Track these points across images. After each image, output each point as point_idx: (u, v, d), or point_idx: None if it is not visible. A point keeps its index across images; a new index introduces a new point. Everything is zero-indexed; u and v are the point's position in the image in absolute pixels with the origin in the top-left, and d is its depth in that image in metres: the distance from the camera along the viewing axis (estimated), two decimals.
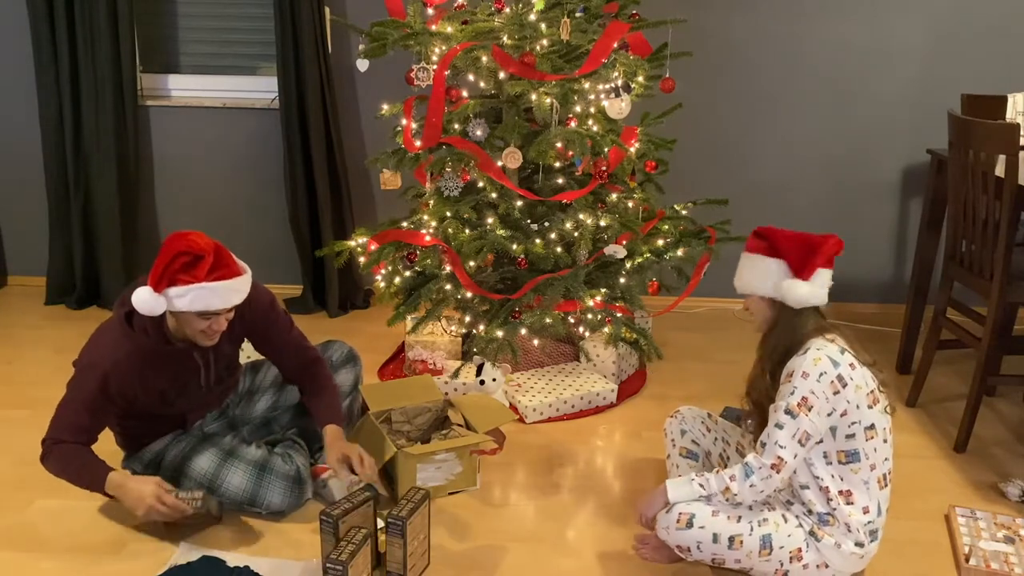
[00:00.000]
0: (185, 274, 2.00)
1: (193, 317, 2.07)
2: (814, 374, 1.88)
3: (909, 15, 3.52)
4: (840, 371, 1.88)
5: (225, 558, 2.11)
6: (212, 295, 2.03)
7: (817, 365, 1.88)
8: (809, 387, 1.87)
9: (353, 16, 3.51)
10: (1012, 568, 2.12)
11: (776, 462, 1.89)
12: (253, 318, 2.30)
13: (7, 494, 2.39)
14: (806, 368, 1.89)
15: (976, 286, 2.70)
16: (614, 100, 2.61)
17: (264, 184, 3.75)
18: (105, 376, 2.10)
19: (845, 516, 1.93)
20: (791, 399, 1.88)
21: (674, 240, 2.95)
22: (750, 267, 2.02)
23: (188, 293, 2.01)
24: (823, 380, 1.87)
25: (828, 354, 1.90)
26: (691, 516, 1.98)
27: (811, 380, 1.88)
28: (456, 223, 2.76)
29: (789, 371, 1.92)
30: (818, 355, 1.89)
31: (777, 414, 1.90)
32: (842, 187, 3.75)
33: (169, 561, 2.10)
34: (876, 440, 1.93)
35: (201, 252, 2.02)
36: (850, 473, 1.93)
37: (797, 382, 1.89)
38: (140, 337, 2.13)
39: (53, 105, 3.55)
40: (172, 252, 2.01)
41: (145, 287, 2.03)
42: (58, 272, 3.76)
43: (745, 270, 2.04)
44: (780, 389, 1.93)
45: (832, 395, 1.88)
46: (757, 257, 2.01)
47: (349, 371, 2.60)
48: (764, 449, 1.91)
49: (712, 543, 1.97)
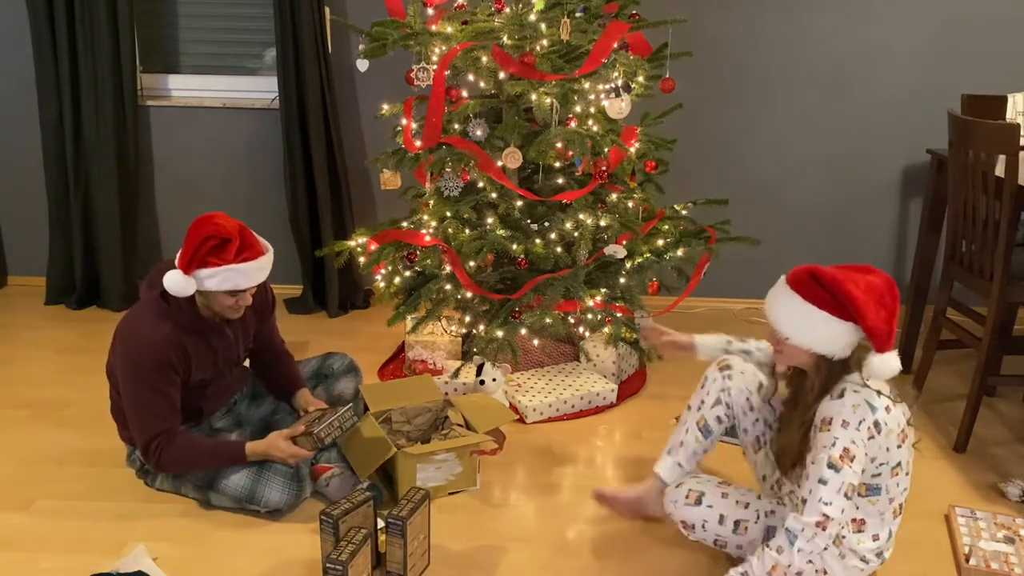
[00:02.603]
0: (214, 257, 2.12)
1: (222, 295, 2.19)
2: (854, 422, 1.76)
3: (909, 15, 3.52)
4: (876, 416, 1.78)
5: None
6: (240, 275, 2.15)
7: (856, 412, 1.77)
8: (850, 437, 1.75)
9: (353, 16, 3.51)
10: (1012, 568, 2.12)
11: (821, 519, 1.75)
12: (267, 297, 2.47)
13: (7, 494, 2.38)
14: (846, 416, 1.76)
15: (976, 286, 2.70)
16: (614, 100, 2.61)
17: (264, 184, 3.75)
18: (163, 350, 2.17)
19: (853, 544, 1.88)
20: (833, 451, 1.75)
21: (674, 240, 2.95)
22: (809, 322, 1.80)
23: (217, 274, 2.13)
24: (862, 428, 1.76)
25: (866, 398, 1.78)
26: (700, 494, 1.99)
27: (851, 429, 1.76)
28: (456, 223, 2.76)
29: (826, 417, 1.79)
30: (856, 400, 1.78)
31: (819, 468, 1.76)
32: (842, 187, 3.75)
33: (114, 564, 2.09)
34: (900, 476, 1.86)
35: (228, 235, 2.13)
36: (867, 504, 1.87)
37: (838, 432, 1.76)
38: (176, 313, 2.21)
39: (53, 105, 3.55)
40: (200, 236, 2.12)
41: (176, 270, 2.14)
42: (58, 272, 3.76)
43: (800, 322, 1.82)
44: (819, 437, 1.79)
45: (868, 440, 1.77)
46: (822, 315, 1.79)
47: (350, 380, 2.64)
48: (806, 506, 1.77)
49: (718, 524, 1.98)
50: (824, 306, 1.79)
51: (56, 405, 2.88)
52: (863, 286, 1.78)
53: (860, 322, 1.77)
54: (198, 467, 2.29)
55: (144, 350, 2.17)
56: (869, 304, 1.76)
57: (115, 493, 2.39)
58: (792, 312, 1.83)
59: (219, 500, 2.31)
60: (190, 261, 2.12)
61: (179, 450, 2.22)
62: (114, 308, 3.70)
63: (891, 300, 1.80)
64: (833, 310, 1.78)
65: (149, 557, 2.11)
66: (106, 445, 2.55)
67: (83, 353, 3.28)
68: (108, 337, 2.28)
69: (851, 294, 1.76)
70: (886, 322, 1.77)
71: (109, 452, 2.53)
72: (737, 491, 2.05)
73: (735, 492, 2.03)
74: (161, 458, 2.21)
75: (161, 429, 2.20)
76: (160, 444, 2.20)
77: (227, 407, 2.51)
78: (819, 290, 1.80)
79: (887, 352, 1.79)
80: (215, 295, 2.19)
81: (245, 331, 2.41)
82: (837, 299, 1.78)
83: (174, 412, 2.23)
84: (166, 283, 2.14)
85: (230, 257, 2.13)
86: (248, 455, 2.27)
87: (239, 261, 2.14)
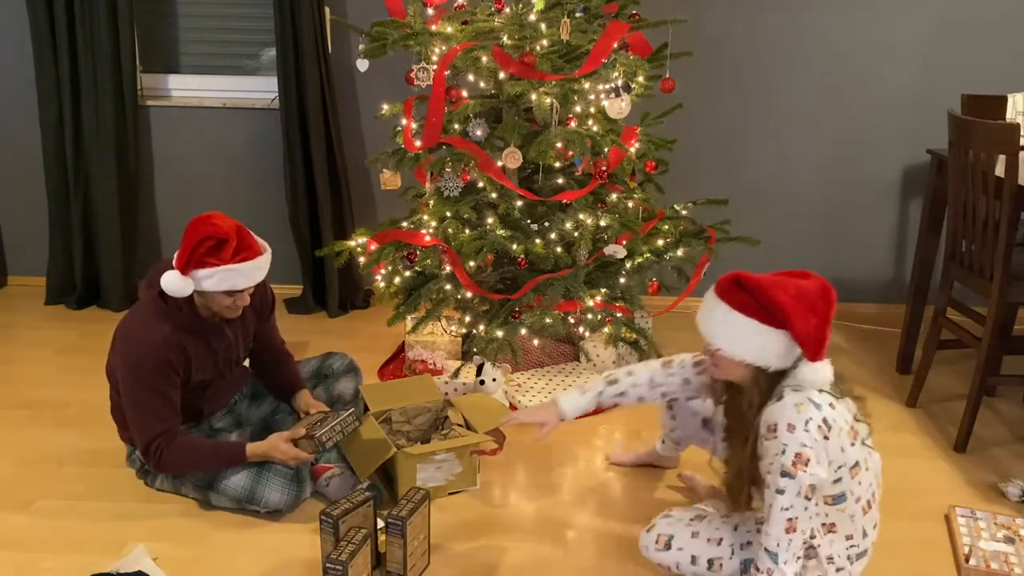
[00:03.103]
0: (211, 257, 2.12)
1: (219, 295, 2.18)
2: (800, 423, 1.68)
3: (909, 15, 3.52)
4: (823, 414, 1.70)
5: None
6: (238, 275, 2.15)
7: (800, 412, 1.68)
8: (799, 440, 1.68)
9: (353, 16, 3.51)
10: (1012, 568, 2.12)
11: (787, 525, 1.72)
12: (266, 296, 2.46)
13: (7, 494, 2.38)
14: (790, 419, 1.68)
15: (976, 286, 2.70)
16: (614, 100, 2.61)
17: (264, 184, 3.75)
18: (163, 351, 2.17)
19: (827, 548, 1.84)
20: (784, 459, 1.68)
21: (674, 240, 2.95)
22: (739, 331, 1.73)
23: (215, 275, 2.13)
24: (811, 427, 1.68)
25: (808, 397, 1.70)
26: (670, 537, 1.93)
27: (799, 432, 1.68)
28: (456, 223, 2.76)
29: (770, 424, 1.71)
30: (798, 398, 1.70)
31: (774, 478, 1.71)
32: (842, 187, 3.75)
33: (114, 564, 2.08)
34: (861, 474, 1.80)
35: (225, 236, 2.13)
36: (836, 512, 1.81)
37: (785, 438, 1.68)
38: (176, 314, 2.21)
39: (53, 105, 3.55)
40: (198, 236, 2.12)
41: (173, 271, 2.14)
42: (58, 272, 3.76)
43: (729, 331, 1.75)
44: (767, 447, 1.72)
45: (823, 441, 1.69)
46: (750, 323, 1.72)
47: (350, 380, 2.64)
48: (769, 520, 1.74)
49: (691, 564, 1.91)
50: (751, 313, 1.72)
51: (56, 405, 2.88)
52: (792, 291, 1.70)
53: (789, 329, 1.69)
54: (198, 468, 2.29)
55: (144, 351, 2.16)
56: (798, 310, 1.68)
57: (115, 493, 2.39)
58: (720, 321, 1.76)
59: (219, 500, 2.31)
60: (187, 262, 2.12)
61: (179, 451, 2.22)
62: (114, 308, 3.70)
63: (824, 306, 1.71)
64: (761, 317, 1.71)
65: (149, 557, 2.11)
66: (106, 445, 2.55)
67: (83, 353, 3.28)
68: (108, 337, 2.28)
69: (777, 300, 1.69)
70: (816, 329, 1.69)
71: (109, 452, 2.53)
72: (710, 526, 1.95)
73: (707, 528, 1.94)
74: (161, 459, 2.21)
75: (161, 430, 2.20)
76: (160, 445, 2.20)
77: (227, 407, 2.51)
78: (745, 296, 1.73)
79: (819, 361, 1.71)
80: (213, 295, 2.19)
81: (245, 331, 2.41)
82: (764, 306, 1.71)
83: (174, 413, 2.23)
84: (164, 284, 2.14)
85: (227, 257, 2.13)
86: (248, 456, 2.27)
87: (236, 261, 2.14)
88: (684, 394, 2.17)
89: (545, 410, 2.19)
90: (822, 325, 1.70)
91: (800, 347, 1.71)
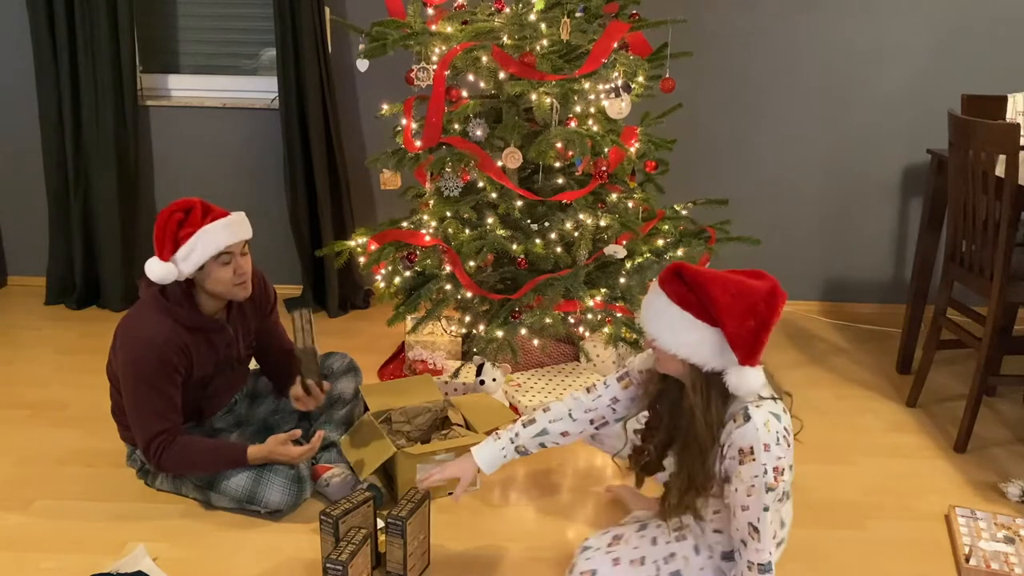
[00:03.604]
0: (183, 229, 2.12)
1: (216, 269, 2.16)
2: (772, 440, 1.65)
3: (909, 15, 3.52)
4: (783, 423, 1.68)
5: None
6: (218, 233, 2.14)
7: (770, 429, 1.65)
8: (776, 455, 1.65)
9: (353, 16, 3.51)
10: (1012, 568, 2.12)
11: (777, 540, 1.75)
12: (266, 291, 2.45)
13: (7, 494, 2.38)
14: (764, 440, 1.64)
15: (976, 286, 2.70)
16: (614, 100, 2.61)
17: (264, 184, 3.75)
18: (164, 349, 2.16)
19: None
20: (767, 478, 1.65)
21: (674, 240, 2.95)
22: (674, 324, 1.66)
23: (196, 243, 2.12)
24: (780, 440, 1.66)
25: (769, 411, 1.67)
26: (593, 572, 1.85)
27: (773, 448, 1.65)
28: (456, 223, 2.76)
29: (743, 448, 1.66)
30: (763, 417, 1.65)
31: (759, 498, 1.66)
32: (842, 187, 3.75)
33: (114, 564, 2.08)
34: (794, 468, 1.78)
35: (189, 205, 2.15)
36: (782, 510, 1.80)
37: (763, 458, 1.64)
38: (176, 310, 2.20)
39: (53, 105, 3.55)
40: (164, 218, 2.14)
41: (153, 259, 2.14)
42: (58, 272, 3.76)
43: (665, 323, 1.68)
44: (743, 470, 1.66)
45: (788, 449, 1.68)
46: (688, 318, 1.65)
47: (350, 380, 2.63)
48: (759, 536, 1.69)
49: None
50: (688, 307, 1.64)
51: (56, 405, 2.88)
52: (733, 290, 1.61)
53: (721, 328, 1.62)
54: (198, 469, 2.29)
55: (145, 349, 2.16)
56: (734, 310, 1.60)
57: (115, 493, 2.39)
58: (656, 312, 1.69)
59: (219, 500, 2.31)
60: (163, 245, 2.12)
61: (180, 451, 2.22)
62: (114, 308, 3.70)
63: (766, 310, 1.61)
64: (697, 312, 1.64)
65: (149, 557, 2.11)
66: (106, 445, 2.55)
67: (83, 353, 3.28)
68: (108, 337, 2.28)
69: (712, 295, 1.61)
70: (752, 333, 1.60)
71: (109, 452, 2.53)
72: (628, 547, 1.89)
73: (627, 550, 1.87)
74: (162, 458, 2.21)
75: (162, 428, 2.19)
76: (161, 444, 2.19)
77: (227, 407, 2.51)
78: (683, 288, 1.66)
79: (749, 366, 1.63)
80: (210, 273, 2.17)
81: (246, 328, 2.41)
82: (700, 300, 1.63)
83: (175, 412, 2.23)
84: (148, 272, 2.14)
85: (198, 220, 2.13)
86: (249, 458, 2.27)
87: (209, 222, 2.14)
88: (615, 416, 2.02)
89: (458, 465, 2.05)
90: (760, 330, 1.61)
91: (731, 347, 1.62)
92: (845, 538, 2.29)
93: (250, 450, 2.27)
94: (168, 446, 2.20)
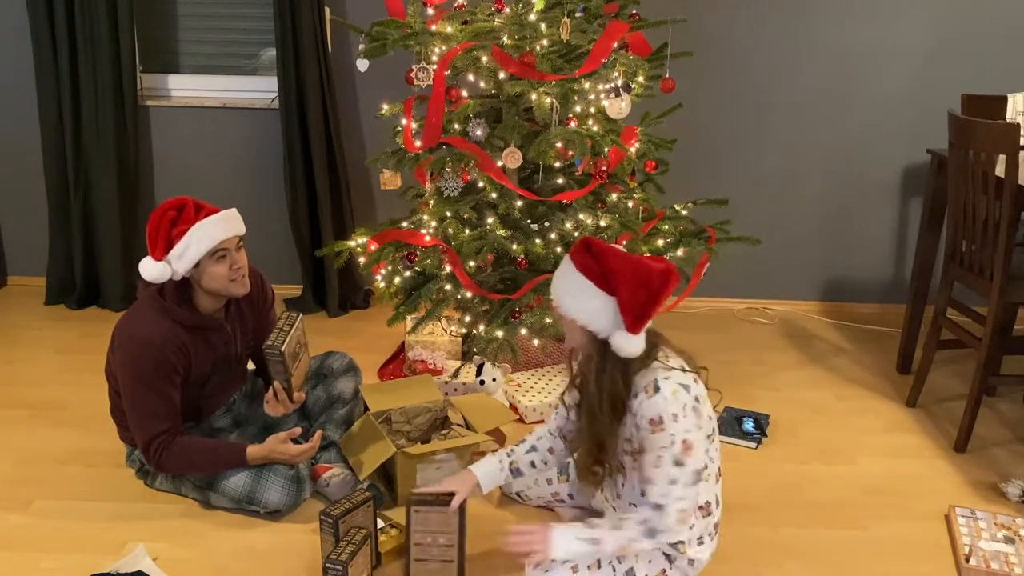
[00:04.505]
0: (176, 227, 2.11)
1: (212, 265, 2.16)
2: (680, 411, 1.74)
3: (909, 15, 3.52)
4: (694, 393, 1.77)
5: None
6: (212, 228, 2.13)
7: (678, 399, 1.74)
8: (684, 428, 1.73)
9: (353, 16, 3.51)
10: (1012, 568, 2.12)
11: (682, 515, 1.78)
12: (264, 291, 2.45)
13: (7, 494, 2.38)
14: (673, 410, 1.73)
15: (976, 286, 2.70)
16: (614, 100, 2.61)
17: (264, 184, 3.75)
18: (162, 349, 2.16)
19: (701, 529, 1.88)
20: (674, 449, 1.73)
21: (674, 240, 2.95)
22: (576, 290, 1.78)
23: (189, 240, 2.12)
24: (688, 412, 1.74)
25: (678, 382, 1.76)
26: None
27: (682, 420, 1.73)
28: (456, 223, 2.76)
29: (653, 418, 1.75)
30: (672, 387, 1.74)
31: (665, 469, 1.74)
32: (842, 187, 3.75)
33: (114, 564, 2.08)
34: (716, 440, 1.87)
35: (181, 203, 2.14)
36: (703, 483, 1.83)
37: (671, 428, 1.73)
38: (175, 310, 2.20)
39: (53, 105, 3.55)
40: (156, 217, 2.14)
41: (147, 259, 2.14)
42: (58, 272, 3.76)
43: (571, 290, 1.79)
44: (652, 440, 1.75)
45: (698, 421, 1.76)
46: (589, 286, 1.76)
47: (349, 380, 2.62)
48: (663, 511, 1.76)
49: None
50: (591, 276, 1.76)
51: (56, 405, 2.88)
52: (632, 264, 1.75)
53: (617, 296, 1.73)
54: (198, 469, 2.29)
55: (143, 349, 2.16)
56: (630, 280, 1.73)
57: (115, 493, 2.39)
58: (564, 281, 1.82)
59: (219, 501, 2.31)
60: (155, 243, 2.12)
61: (179, 451, 2.22)
62: (114, 308, 3.70)
63: (659, 287, 1.74)
64: (598, 281, 1.75)
65: (149, 557, 2.11)
66: (106, 445, 2.55)
67: (83, 353, 3.28)
68: (108, 337, 2.28)
69: (612, 266, 1.74)
70: (642, 305, 1.73)
71: (109, 452, 2.53)
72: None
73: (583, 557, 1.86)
74: (161, 459, 2.21)
75: (162, 429, 2.19)
76: (161, 445, 2.19)
77: (226, 406, 2.51)
78: (588, 259, 1.78)
79: (634, 334, 1.75)
80: (206, 269, 2.16)
81: (244, 327, 2.40)
82: (602, 270, 1.75)
83: (174, 412, 2.23)
84: (142, 272, 2.14)
85: (191, 217, 2.12)
86: (249, 458, 2.26)
87: (201, 218, 2.13)
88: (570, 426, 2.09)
89: (459, 479, 2.09)
90: (650, 302, 1.74)
91: (621, 313, 1.74)
92: (845, 538, 2.29)
93: (249, 450, 2.27)
94: (168, 447, 2.20)
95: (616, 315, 1.75)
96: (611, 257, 1.76)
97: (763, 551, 2.22)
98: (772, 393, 3.09)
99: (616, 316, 1.75)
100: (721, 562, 2.09)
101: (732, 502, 2.37)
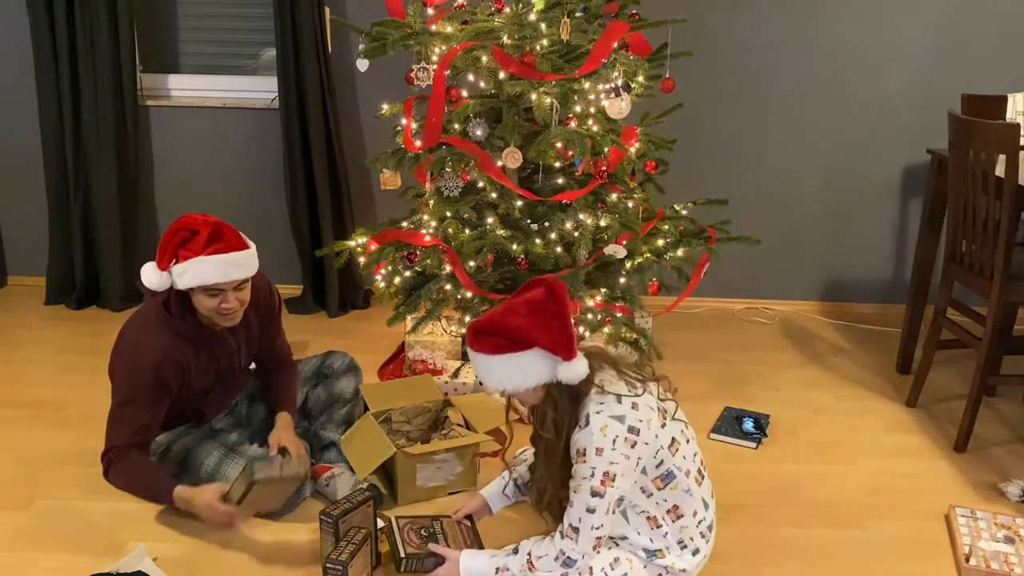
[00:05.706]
0: (184, 249, 2.08)
1: (203, 297, 2.13)
2: (607, 445, 1.73)
3: (909, 15, 3.52)
4: (628, 423, 1.74)
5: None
6: (209, 268, 2.07)
7: (606, 434, 1.73)
8: (608, 460, 1.73)
9: (353, 16, 3.51)
10: (1012, 568, 2.12)
11: (596, 543, 1.79)
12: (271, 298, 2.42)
13: (7, 494, 2.38)
14: (598, 444, 1.73)
15: (976, 286, 2.70)
16: (614, 100, 2.61)
17: (264, 184, 3.75)
18: (158, 366, 2.13)
19: (676, 534, 1.87)
20: (593, 481, 1.74)
21: (674, 240, 2.94)
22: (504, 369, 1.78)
23: (188, 269, 2.08)
24: (618, 445, 1.73)
25: (610, 415, 1.74)
26: None
27: (607, 453, 1.73)
28: (456, 223, 2.76)
29: (579, 449, 1.76)
30: (602, 422, 1.73)
31: (582, 496, 1.76)
32: (842, 187, 3.75)
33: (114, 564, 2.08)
34: (680, 448, 1.84)
35: (198, 227, 2.09)
36: (671, 492, 1.85)
37: (594, 461, 1.74)
38: (178, 323, 2.17)
39: (53, 105, 3.55)
40: (172, 230, 2.11)
41: (150, 264, 2.12)
42: (58, 272, 3.76)
43: (498, 374, 1.79)
44: (577, 469, 1.78)
45: (631, 450, 1.75)
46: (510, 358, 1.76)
47: (350, 379, 2.61)
48: (579, 536, 1.78)
49: None
50: (501, 350, 1.76)
51: (56, 405, 2.88)
52: (523, 309, 1.75)
53: (538, 345, 1.74)
54: (132, 492, 2.20)
55: (138, 363, 2.13)
56: (534, 324, 1.74)
57: (115, 493, 2.37)
58: (486, 370, 1.81)
59: None
60: (162, 254, 2.10)
61: (124, 469, 2.15)
62: (114, 308, 3.70)
63: (555, 305, 1.75)
64: (510, 349, 1.75)
65: (149, 557, 2.11)
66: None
67: (83, 353, 3.28)
68: (108, 337, 2.28)
69: (512, 326, 1.74)
70: (560, 332, 1.74)
71: None
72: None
73: None
74: (108, 470, 2.16)
75: (117, 443, 2.14)
76: (110, 458, 2.15)
77: (228, 409, 2.50)
78: (487, 339, 1.77)
79: (574, 359, 1.76)
80: (198, 297, 2.13)
81: (249, 336, 2.37)
82: (507, 338, 1.75)
83: (139, 431, 2.15)
84: (143, 277, 2.12)
85: (198, 248, 2.06)
86: (175, 499, 2.13)
87: (208, 253, 2.06)
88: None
89: (471, 496, 2.20)
90: (563, 324, 1.74)
91: (553, 354, 1.75)
92: (845, 538, 2.29)
93: (177, 490, 2.14)
94: (117, 460, 2.14)
95: (548, 357, 1.76)
96: (501, 321, 1.76)
97: (763, 551, 2.22)
98: (772, 393, 3.09)
99: (549, 358, 1.76)
100: (721, 562, 2.09)
101: (732, 502, 2.38)
